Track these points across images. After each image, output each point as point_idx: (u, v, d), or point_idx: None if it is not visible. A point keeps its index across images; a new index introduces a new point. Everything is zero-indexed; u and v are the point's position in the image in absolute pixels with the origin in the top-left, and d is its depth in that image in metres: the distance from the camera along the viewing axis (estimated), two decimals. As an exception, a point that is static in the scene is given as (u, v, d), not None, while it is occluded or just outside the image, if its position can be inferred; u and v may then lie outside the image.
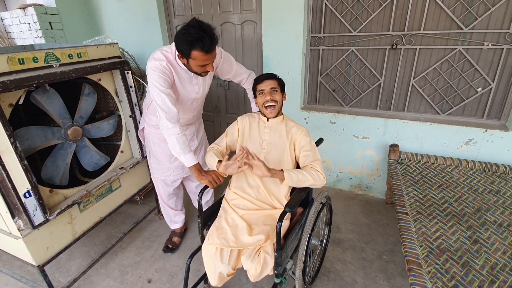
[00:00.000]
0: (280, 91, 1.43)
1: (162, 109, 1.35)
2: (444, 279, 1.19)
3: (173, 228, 2.11)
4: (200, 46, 1.26)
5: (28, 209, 1.35)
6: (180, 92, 1.52)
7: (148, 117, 1.71)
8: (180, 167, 1.81)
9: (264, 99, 1.40)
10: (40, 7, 2.77)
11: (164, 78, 1.36)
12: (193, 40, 1.25)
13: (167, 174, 1.83)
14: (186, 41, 1.26)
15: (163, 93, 1.35)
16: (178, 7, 2.83)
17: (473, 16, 1.90)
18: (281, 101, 1.45)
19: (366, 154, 2.46)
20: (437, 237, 1.41)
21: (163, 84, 1.36)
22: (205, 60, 1.34)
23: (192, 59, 1.33)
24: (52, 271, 1.90)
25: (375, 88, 2.34)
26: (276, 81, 1.42)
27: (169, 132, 1.37)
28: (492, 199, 1.68)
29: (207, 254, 1.30)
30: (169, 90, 1.38)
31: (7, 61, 1.25)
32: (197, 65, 1.36)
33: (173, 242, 2.05)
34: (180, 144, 1.38)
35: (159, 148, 1.76)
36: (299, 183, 1.29)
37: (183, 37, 1.27)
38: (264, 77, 1.43)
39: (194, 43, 1.26)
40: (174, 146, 1.39)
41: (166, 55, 1.42)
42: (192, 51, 1.29)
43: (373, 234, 2.12)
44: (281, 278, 1.28)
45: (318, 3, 2.28)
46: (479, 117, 2.11)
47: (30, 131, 1.53)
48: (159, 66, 1.37)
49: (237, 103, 2.95)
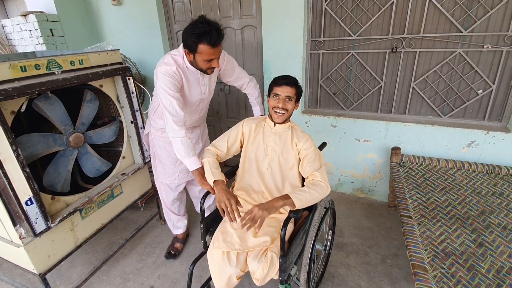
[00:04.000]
0: (295, 100, 1.39)
1: (170, 112, 1.38)
2: (450, 283, 1.18)
3: (175, 234, 2.10)
4: (207, 39, 1.29)
5: (29, 217, 1.34)
6: (188, 93, 1.54)
7: (154, 120, 1.71)
8: (185, 171, 1.81)
9: (276, 104, 1.38)
10: (41, 14, 2.79)
11: (173, 82, 1.39)
12: (201, 33, 1.29)
13: (172, 178, 1.82)
14: (193, 35, 1.30)
15: (172, 97, 1.38)
16: (178, 12, 2.85)
17: (472, 19, 1.91)
18: (292, 110, 1.41)
19: (367, 157, 2.45)
20: (442, 241, 1.40)
21: (172, 88, 1.38)
22: (211, 54, 1.36)
23: (198, 53, 1.35)
24: (53, 279, 1.88)
25: (376, 91, 2.35)
26: (295, 89, 1.37)
27: (175, 134, 1.39)
28: (495, 202, 1.67)
29: (213, 259, 1.29)
30: (177, 94, 1.40)
31: (9, 68, 1.25)
32: (203, 60, 1.38)
33: (175, 248, 2.03)
34: (184, 147, 1.40)
35: (165, 152, 1.76)
36: (308, 202, 1.26)
37: (190, 31, 1.31)
38: (284, 81, 1.37)
39: (202, 36, 1.29)
40: (178, 148, 1.41)
41: (176, 59, 1.44)
42: (199, 45, 1.32)
43: (377, 237, 2.11)
44: (285, 284, 1.26)
45: (317, 8, 2.30)
46: (480, 119, 2.11)
47: (32, 138, 1.52)
48: (169, 71, 1.39)
49: (237, 108, 2.95)
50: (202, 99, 1.64)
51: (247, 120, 1.55)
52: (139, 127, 1.93)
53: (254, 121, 1.53)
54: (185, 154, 1.41)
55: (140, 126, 1.93)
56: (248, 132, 1.51)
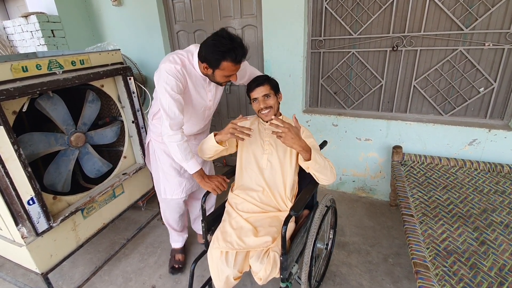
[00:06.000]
0: (274, 94, 1.40)
1: (168, 114, 1.31)
2: (452, 281, 1.17)
3: (175, 247, 2.00)
4: (232, 56, 1.24)
5: (31, 217, 1.35)
6: (193, 98, 1.47)
7: (154, 125, 1.65)
8: (190, 179, 1.71)
9: (258, 107, 1.40)
10: (42, 15, 2.80)
11: (176, 82, 1.31)
12: (226, 51, 1.23)
13: (179, 190, 1.69)
14: (218, 52, 1.24)
15: (172, 97, 1.30)
16: (179, 13, 2.85)
17: (473, 17, 1.90)
18: (277, 103, 1.43)
19: (369, 156, 2.45)
20: (444, 239, 1.40)
21: (174, 88, 1.31)
22: (233, 70, 1.32)
23: (220, 70, 1.30)
24: (56, 278, 1.88)
25: (377, 90, 2.34)
26: (268, 86, 1.38)
27: (170, 139, 1.34)
28: (497, 200, 1.66)
29: (212, 259, 1.29)
30: (178, 96, 1.33)
31: (11, 69, 1.26)
32: (223, 76, 1.34)
33: (177, 261, 1.93)
34: (181, 151, 1.35)
35: (167, 159, 1.64)
36: (320, 168, 1.25)
37: (214, 47, 1.24)
38: (255, 84, 1.39)
39: (227, 54, 1.23)
40: (175, 153, 1.37)
41: (182, 58, 1.37)
42: (223, 62, 1.26)
43: (378, 236, 2.10)
44: (287, 283, 1.26)
45: (318, 7, 2.30)
46: (482, 117, 2.10)
47: (34, 137, 1.53)
48: (173, 70, 1.32)
49: (238, 107, 2.95)
50: (208, 107, 1.57)
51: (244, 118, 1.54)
52: (140, 127, 1.93)
53: (251, 118, 1.54)
54: (183, 158, 1.37)
55: (141, 126, 1.94)
56: None
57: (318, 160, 1.23)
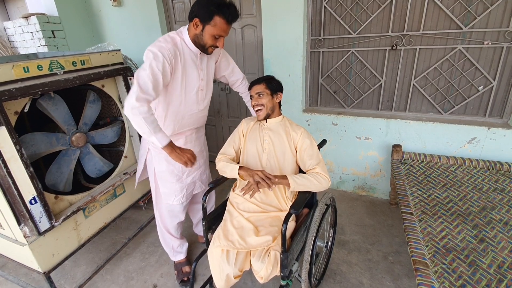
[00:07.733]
0: (269, 93, 1.45)
1: (140, 85, 1.21)
2: (451, 278, 1.18)
3: (179, 260, 1.88)
4: (225, 12, 1.26)
5: (34, 216, 1.36)
6: (186, 77, 1.42)
7: None
8: (192, 183, 1.70)
9: (252, 104, 1.49)
10: (43, 16, 2.81)
11: (162, 60, 1.26)
12: (220, 5, 1.24)
13: (180, 196, 1.66)
14: (212, 4, 1.24)
15: (152, 72, 1.24)
16: (179, 13, 2.86)
17: (472, 15, 1.91)
18: (271, 102, 1.46)
19: (368, 155, 2.45)
20: (443, 237, 1.41)
21: (158, 65, 1.25)
22: (223, 30, 1.31)
23: (211, 26, 1.28)
24: (58, 278, 1.90)
25: (376, 89, 2.35)
26: (264, 85, 1.45)
27: (135, 111, 1.19)
28: (497, 198, 1.67)
29: (213, 257, 1.30)
30: (160, 75, 1.26)
31: (12, 69, 1.27)
32: (211, 35, 1.31)
33: (186, 273, 1.82)
34: (148, 124, 1.21)
35: (168, 167, 1.58)
36: (304, 187, 1.33)
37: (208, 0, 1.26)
38: (253, 83, 1.50)
39: (221, 7, 1.25)
40: (142, 126, 1.22)
41: (173, 36, 1.36)
42: (215, 16, 1.26)
43: (378, 235, 2.11)
44: (287, 280, 1.27)
45: (317, 6, 2.30)
46: (481, 116, 2.11)
47: (35, 137, 1.54)
48: (162, 48, 1.28)
49: (238, 107, 2.96)
50: (201, 87, 1.50)
51: (244, 120, 1.58)
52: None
53: (252, 119, 1.57)
54: (151, 131, 1.23)
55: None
56: (246, 130, 1.54)
57: (299, 181, 1.32)
